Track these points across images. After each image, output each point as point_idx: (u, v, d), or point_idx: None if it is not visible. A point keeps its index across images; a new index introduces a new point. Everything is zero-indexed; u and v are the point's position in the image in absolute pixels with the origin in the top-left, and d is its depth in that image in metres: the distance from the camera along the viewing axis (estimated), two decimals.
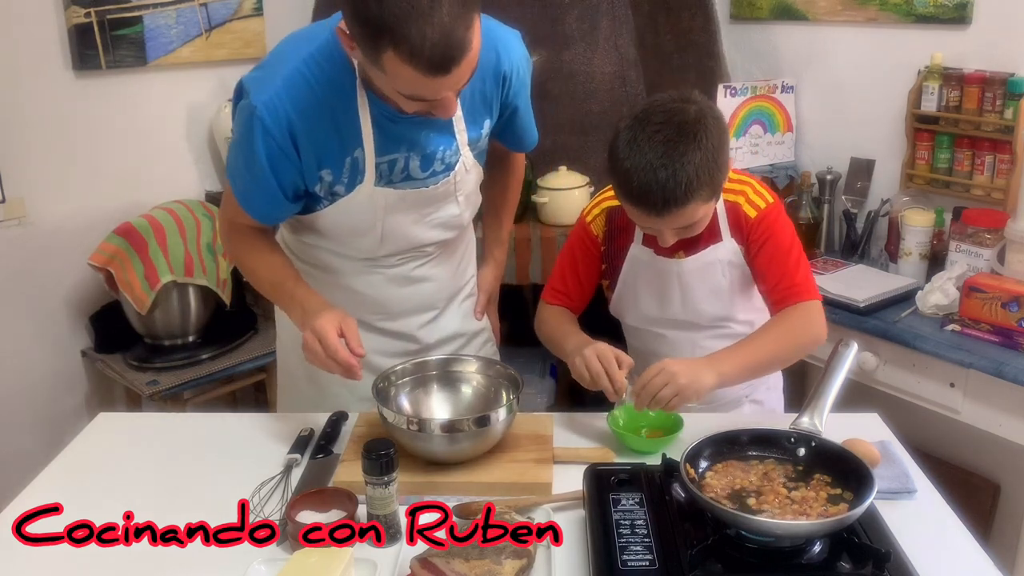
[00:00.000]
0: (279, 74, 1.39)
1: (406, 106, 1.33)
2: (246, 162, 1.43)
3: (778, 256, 1.53)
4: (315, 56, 1.39)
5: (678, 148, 1.37)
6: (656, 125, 1.39)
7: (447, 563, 1.10)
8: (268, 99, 1.37)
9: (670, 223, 1.43)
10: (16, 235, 2.61)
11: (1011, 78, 2.25)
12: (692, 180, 1.37)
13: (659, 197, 1.37)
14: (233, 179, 1.50)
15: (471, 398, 1.53)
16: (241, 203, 1.49)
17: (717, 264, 1.56)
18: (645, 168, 1.37)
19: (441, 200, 1.57)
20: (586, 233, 1.66)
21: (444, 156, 1.53)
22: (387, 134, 1.46)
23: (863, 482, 1.15)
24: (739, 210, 1.55)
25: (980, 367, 1.99)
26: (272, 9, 3.04)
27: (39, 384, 2.72)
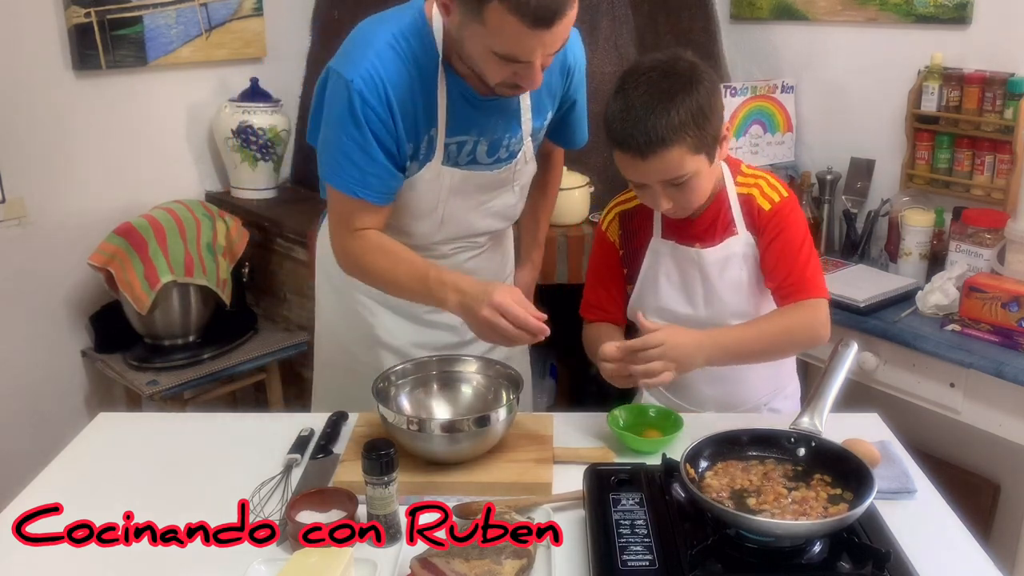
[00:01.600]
0: (370, 49, 1.43)
1: (494, 73, 1.38)
2: (352, 141, 1.45)
3: (789, 251, 1.52)
4: (404, 33, 1.45)
5: (665, 92, 1.38)
6: (645, 73, 1.41)
7: (447, 563, 1.10)
8: (364, 72, 1.42)
9: (655, 170, 1.41)
10: (16, 235, 2.61)
11: (1011, 78, 2.25)
12: (676, 123, 1.37)
13: (643, 137, 1.37)
14: (337, 173, 1.49)
15: (471, 398, 1.53)
16: (357, 191, 1.48)
17: (734, 258, 1.55)
18: (630, 109, 1.38)
19: (500, 187, 1.63)
20: (603, 241, 1.66)
21: (509, 144, 1.59)
22: (461, 116, 1.51)
23: (863, 482, 1.15)
24: (753, 202, 1.54)
25: (980, 367, 1.98)
26: (272, 9, 3.04)
27: (39, 384, 2.72)
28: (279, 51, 3.07)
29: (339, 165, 1.48)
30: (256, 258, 2.88)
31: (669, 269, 1.59)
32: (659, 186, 1.44)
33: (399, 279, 1.51)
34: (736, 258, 1.55)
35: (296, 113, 3.11)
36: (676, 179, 1.42)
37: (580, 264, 2.54)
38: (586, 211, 2.62)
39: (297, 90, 3.11)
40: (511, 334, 1.37)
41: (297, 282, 2.81)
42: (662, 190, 1.45)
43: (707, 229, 1.55)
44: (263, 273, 2.91)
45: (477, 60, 1.39)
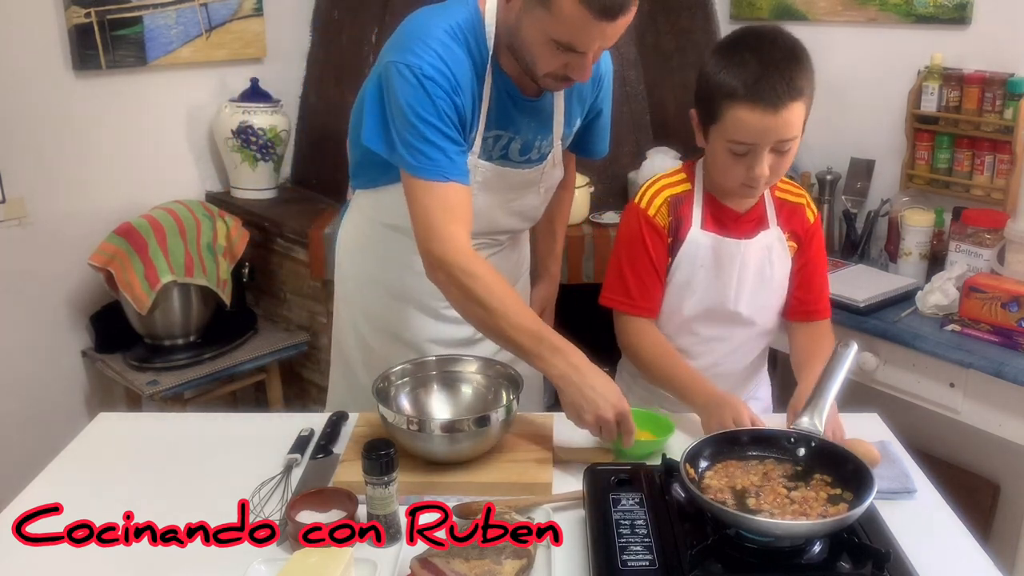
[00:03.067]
0: (432, 39, 1.45)
1: (546, 62, 1.41)
2: (431, 126, 1.43)
3: (821, 267, 1.63)
4: (460, 26, 1.48)
5: (791, 51, 1.42)
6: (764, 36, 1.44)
7: (447, 563, 1.10)
8: (430, 58, 1.44)
9: (782, 124, 1.40)
10: (16, 235, 2.61)
11: (1011, 78, 2.25)
12: (805, 79, 1.41)
13: (783, 88, 1.38)
14: (423, 164, 1.44)
15: (471, 398, 1.53)
16: (448, 174, 1.44)
17: (767, 250, 1.59)
18: (769, 63, 1.39)
19: (526, 188, 1.65)
20: (652, 226, 1.57)
21: (541, 145, 1.62)
22: (502, 112, 1.54)
23: (863, 482, 1.15)
24: (803, 211, 1.62)
25: (980, 367, 1.98)
26: (272, 9, 3.04)
27: (39, 384, 2.72)
28: (279, 51, 3.07)
29: (422, 155, 1.44)
30: (256, 258, 2.88)
31: (707, 261, 1.58)
32: (771, 147, 1.43)
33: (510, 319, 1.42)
34: (768, 251, 1.59)
35: (296, 113, 3.11)
36: (790, 139, 1.44)
37: (580, 264, 2.54)
38: (586, 211, 2.63)
39: (297, 90, 3.11)
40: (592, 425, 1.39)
41: (297, 282, 2.81)
42: (769, 153, 1.44)
43: (754, 227, 1.58)
44: (263, 273, 2.91)
45: (532, 47, 1.41)
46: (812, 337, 1.62)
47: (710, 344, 1.64)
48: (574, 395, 1.39)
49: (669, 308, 1.62)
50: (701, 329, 1.63)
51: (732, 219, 1.58)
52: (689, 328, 1.63)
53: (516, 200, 1.66)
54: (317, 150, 3.05)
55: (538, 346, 1.41)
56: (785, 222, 1.61)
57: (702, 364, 1.62)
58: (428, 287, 1.58)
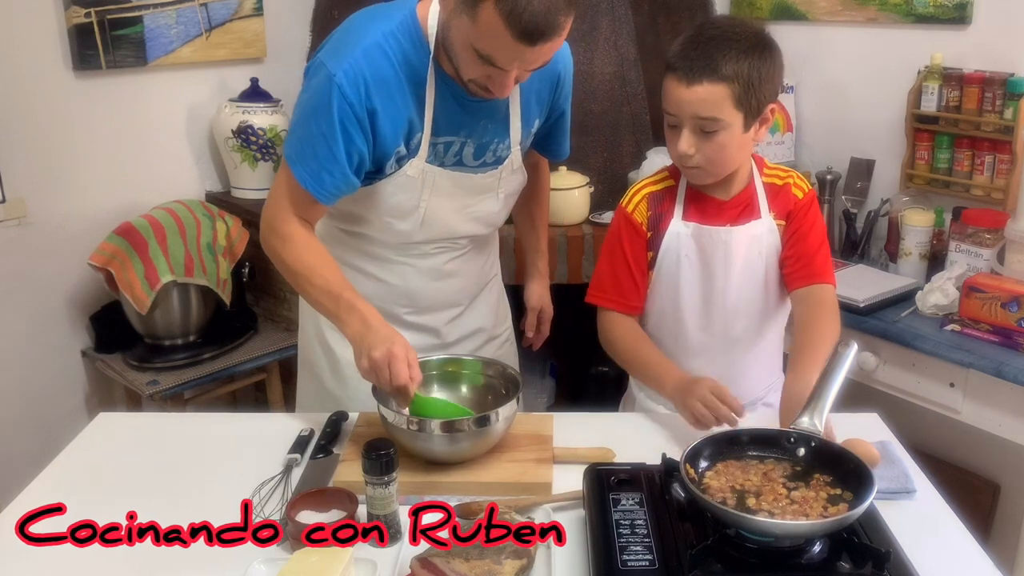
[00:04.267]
0: (359, 46, 1.43)
1: (469, 69, 1.38)
2: (320, 133, 1.44)
3: (817, 236, 1.60)
4: (395, 32, 1.45)
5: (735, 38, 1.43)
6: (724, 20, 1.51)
7: (447, 563, 1.10)
8: (347, 68, 1.41)
9: (694, 100, 1.43)
10: (16, 235, 2.61)
11: (1011, 78, 2.25)
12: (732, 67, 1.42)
13: (697, 62, 1.41)
14: (298, 159, 1.48)
15: (471, 398, 1.53)
16: (309, 182, 1.47)
17: (756, 241, 1.58)
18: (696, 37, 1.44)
19: (483, 192, 1.62)
20: (629, 223, 1.62)
21: (497, 149, 1.59)
22: (449, 116, 1.51)
23: (863, 482, 1.15)
24: (788, 190, 1.61)
25: (980, 367, 1.99)
26: (272, 9, 3.04)
27: (39, 384, 2.72)
28: (279, 51, 3.07)
29: (301, 151, 1.47)
30: (256, 258, 2.87)
31: (690, 251, 1.58)
32: (690, 124, 1.46)
33: (313, 288, 1.49)
34: (757, 241, 1.58)
35: None
36: (708, 121, 1.44)
37: (580, 264, 2.54)
38: (586, 211, 2.62)
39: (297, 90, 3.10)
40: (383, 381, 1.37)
41: None
42: (691, 132, 1.46)
43: (739, 212, 1.58)
44: (263, 273, 2.91)
45: (457, 51, 1.39)
46: (810, 307, 1.57)
47: (708, 346, 1.63)
48: (358, 346, 1.40)
49: (661, 306, 1.63)
50: (696, 327, 1.62)
51: (716, 207, 1.58)
52: (684, 327, 1.62)
53: (475, 206, 1.62)
54: None
55: (336, 306, 1.45)
56: (772, 206, 1.60)
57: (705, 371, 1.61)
58: (387, 293, 1.62)
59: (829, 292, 1.59)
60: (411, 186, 1.54)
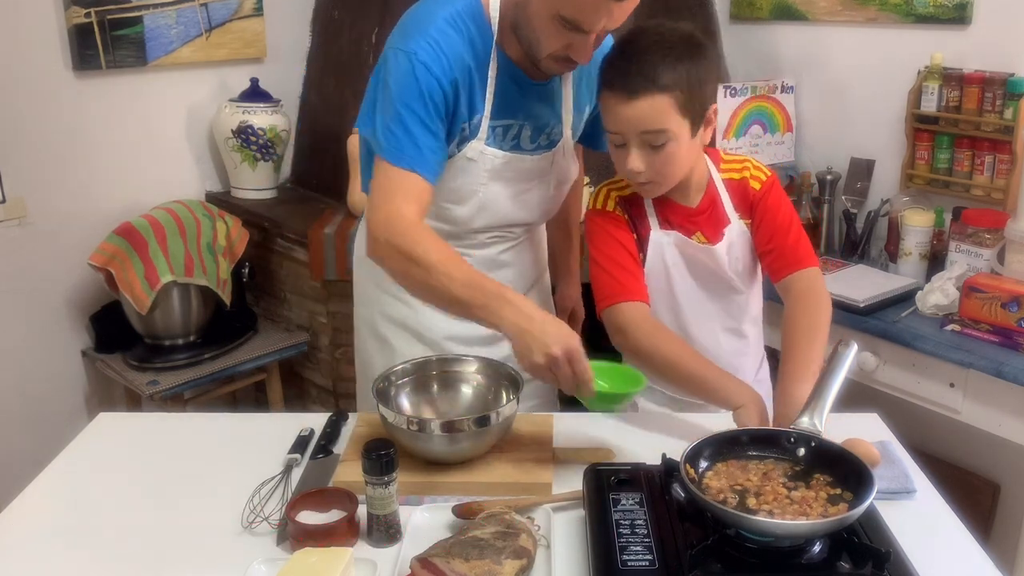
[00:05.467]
0: (431, 27, 1.45)
1: (550, 42, 1.41)
2: (413, 114, 1.43)
3: (783, 223, 1.58)
4: (461, 14, 1.47)
5: (668, 44, 1.42)
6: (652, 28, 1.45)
7: (447, 563, 1.10)
8: (425, 45, 1.43)
9: (638, 115, 1.41)
10: (16, 235, 2.61)
11: (1011, 78, 2.25)
12: (671, 74, 1.40)
13: (636, 76, 1.39)
14: (396, 149, 1.44)
15: (471, 398, 1.53)
16: (415, 166, 1.43)
17: (734, 246, 1.58)
18: (630, 49, 1.42)
19: (538, 177, 1.63)
20: (612, 218, 1.59)
21: (551, 132, 1.61)
22: (508, 99, 1.53)
23: (863, 482, 1.15)
24: (746, 184, 1.58)
25: (980, 367, 1.99)
26: (272, 9, 3.04)
27: (39, 384, 2.72)
28: (279, 51, 3.07)
29: (398, 140, 1.44)
30: (256, 258, 2.88)
31: (676, 259, 1.59)
32: (637, 141, 1.45)
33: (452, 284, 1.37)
34: (735, 246, 1.59)
35: (296, 113, 3.11)
36: (656, 134, 1.43)
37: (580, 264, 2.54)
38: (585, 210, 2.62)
39: (297, 90, 3.11)
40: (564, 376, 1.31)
41: (297, 282, 2.81)
42: (639, 148, 1.45)
43: (708, 219, 1.57)
44: (263, 273, 2.91)
45: (537, 25, 1.41)
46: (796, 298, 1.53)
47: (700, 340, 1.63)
48: (525, 341, 1.32)
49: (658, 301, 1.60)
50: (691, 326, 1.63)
51: (685, 215, 1.58)
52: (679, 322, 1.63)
53: (528, 191, 1.65)
54: (317, 150, 3.05)
55: (483, 298, 1.36)
56: (737, 206, 1.59)
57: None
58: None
59: (813, 276, 1.55)
60: (471, 169, 1.56)
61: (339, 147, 2.70)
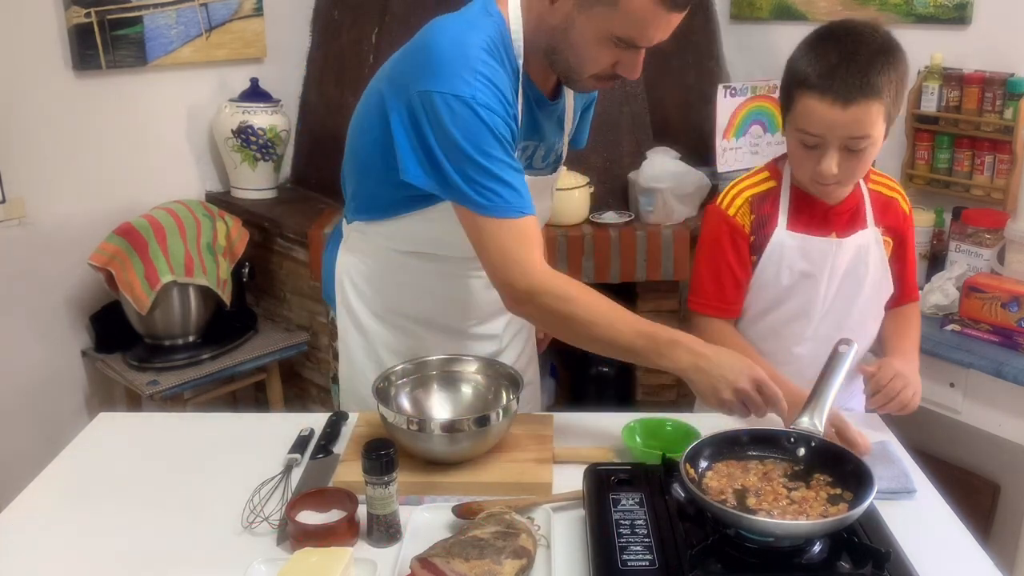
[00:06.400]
0: (477, 63, 1.36)
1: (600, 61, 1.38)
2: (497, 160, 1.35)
3: (913, 255, 1.66)
4: (493, 40, 1.40)
5: (880, 48, 1.40)
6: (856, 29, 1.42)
7: (447, 563, 1.10)
8: (480, 86, 1.34)
9: (851, 121, 1.38)
10: (16, 235, 2.61)
11: (1011, 78, 2.26)
12: (886, 78, 1.38)
13: (856, 82, 1.36)
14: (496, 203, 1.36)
15: (471, 398, 1.53)
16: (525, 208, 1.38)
17: (863, 250, 1.55)
18: (849, 55, 1.38)
19: (542, 192, 1.61)
20: (731, 226, 1.56)
21: (557, 149, 1.60)
22: (530, 122, 1.50)
23: (863, 482, 1.15)
24: (895, 204, 1.60)
25: (980, 367, 1.99)
26: (272, 9, 3.04)
27: (39, 384, 2.72)
28: (279, 51, 3.07)
29: (491, 192, 1.36)
30: (256, 258, 2.88)
31: (793, 262, 1.54)
32: (838, 145, 1.41)
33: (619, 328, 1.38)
34: (864, 251, 1.56)
35: (296, 113, 3.11)
36: (860, 139, 1.41)
37: (580, 264, 2.54)
38: (586, 211, 2.62)
39: (297, 90, 3.11)
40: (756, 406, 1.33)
41: (297, 282, 2.81)
42: (838, 152, 1.42)
43: (848, 220, 1.55)
44: (263, 273, 2.91)
45: (584, 46, 1.37)
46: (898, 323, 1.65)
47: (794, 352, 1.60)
48: (706, 380, 1.33)
49: (755, 311, 1.60)
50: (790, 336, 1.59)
51: (822, 212, 1.54)
52: (775, 333, 1.60)
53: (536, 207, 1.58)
54: (317, 150, 3.05)
55: (655, 345, 1.36)
56: (880, 217, 1.57)
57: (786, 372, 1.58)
58: (453, 309, 1.58)
59: (916, 309, 1.70)
60: None
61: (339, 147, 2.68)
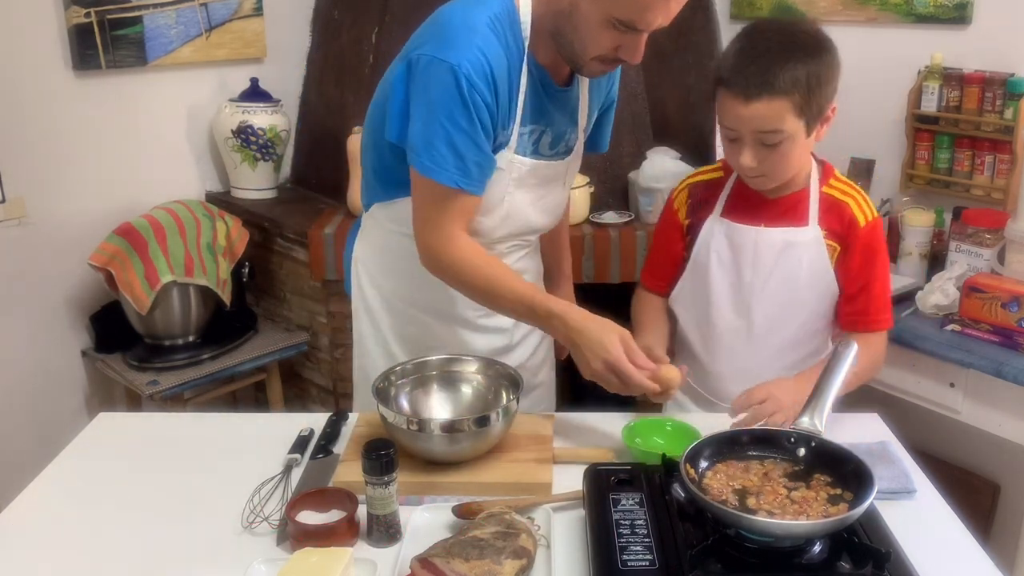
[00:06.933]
0: (475, 33, 1.40)
1: (601, 44, 1.39)
2: (458, 128, 1.39)
3: (876, 275, 1.55)
4: (499, 18, 1.43)
5: (789, 45, 1.41)
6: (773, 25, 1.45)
7: (447, 563, 1.10)
8: (471, 56, 1.38)
9: (755, 116, 1.40)
10: (16, 235, 2.61)
11: (1011, 78, 2.25)
12: (789, 76, 1.38)
13: (754, 78, 1.38)
14: (439, 165, 1.41)
15: (471, 398, 1.53)
16: (460, 180, 1.42)
17: (794, 247, 1.54)
18: (750, 49, 1.40)
19: (554, 181, 1.63)
20: (669, 210, 1.68)
21: (568, 138, 1.61)
22: (535, 105, 1.51)
23: (863, 482, 1.15)
24: (846, 209, 1.54)
25: (980, 367, 1.99)
26: (272, 9, 3.04)
27: (39, 384, 2.72)
28: (279, 51, 3.07)
29: (439, 155, 1.41)
30: (256, 258, 2.88)
31: (721, 248, 1.58)
32: (751, 139, 1.43)
33: (502, 294, 1.47)
34: (796, 248, 1.54)
35: (296, 113, 3.11)
36: (771, 134, 1.42)
37: (580, 264, 2.54)
38: (586, 211, 2.62)
39: (297, 90, 3.11)
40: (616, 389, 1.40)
41: (297, 282, 2.81)
42: (752, 145, 1.44)
43: (782, 214, 1.55)
44: (263, 273, 2.91)
45: (587, 28, 1.38)
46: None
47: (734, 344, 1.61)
48: (578, 354, 1.42)
49: (694, 296, 1.64)
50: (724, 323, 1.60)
51: (759, 205, 1.56)
52: (712, 321, 1.62)
53: (546, 196, 1.63)
54: (317, 150, 3.05)
55: (533, 316, 1.47)
56: (824, 217, 1.55)
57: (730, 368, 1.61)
58: (460, 298, 1.58)
59: (880, 342, 1.58)
60: (499, 178, 1.52)
61: (339, 147, 2.70)
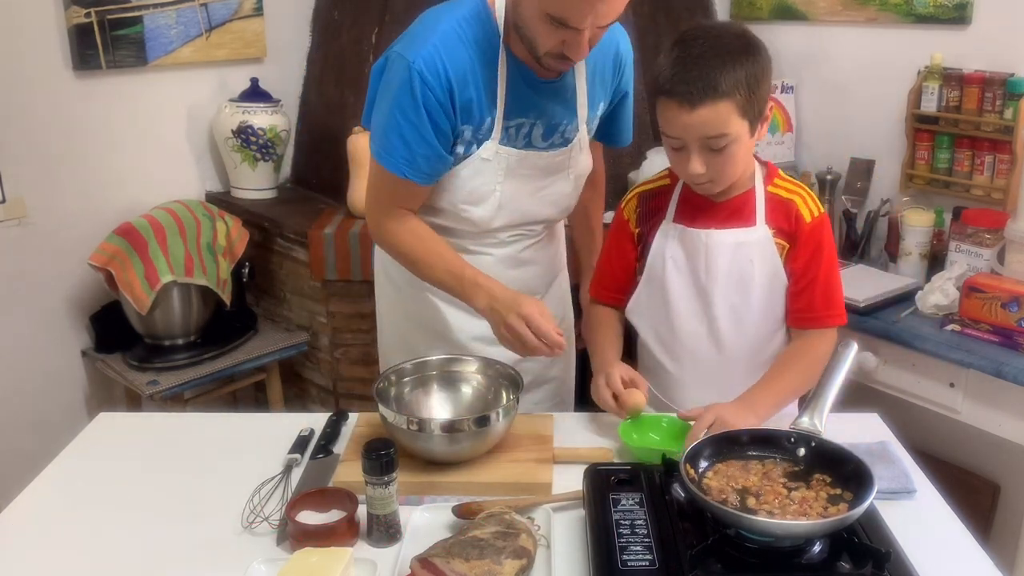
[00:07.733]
0: (434, 34, 1.48)
1: (543, 40, 1.42)
2: (407, 121, 1.48)
3: (824, 270, 1.53)
4: (466, 17, 1.50)
5: (725, 48, 1.40)
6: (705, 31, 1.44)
7: (447, 563, 1.10)
8: (426, 55, 1.46)
9: (700, 122, 1.39)
10: (16, 235, 2.61)
11: (1011, 78, 2.26)
12: (731, 78, 1.38)
13: (697, 85, 1.37)
14: (388, 152, 1.52)
15: (471, 398, 1.53)
16: (405, 171, 1.52)
17: (745, 247, 1.53)
18: (688, 58, 1.39)
19: (555, 172, 1.66)
20: (619, 219, 1.67)
21: (565, 130, 1.63)
22: (520, 98, 1.55)
23: (863, 482, 1.15)
24: (792, 207, 1.53)
25: (980, 367, 1.99)
26: (272, 9, 3.04)
27: (39, 384, 2.72)
28: (279, 51, 3.07)
29: (391, 144, 1.51)
30: (256, 258, 2.88)
31: (676, 254, 1.57)
32: (697, 145, 1.43)
33: (434, 272, 1.57)
34: (746, 248, 1.53)
35: (296, 113, 3.11)
36: (717, 139, 1.41)
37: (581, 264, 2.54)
38: None
39: (297, 90, 3.11)
40: (532, 343, 1.45)
41: (297, 282, 2.81)
42: (699, 152, 1.43)
43: (729, 216, 1.54)
44: (263, 273, 2.91)
45: (531, 25, 1.43)
46: (800, 342, 1.55)
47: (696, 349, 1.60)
48: (493, 319, 1.49)
49: (652, 305, 1.61)
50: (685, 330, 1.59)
51: (707, 209, 1.55)
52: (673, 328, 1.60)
53: (548, 188, 1.66)
54: (317, 150, 3.05)
55: (460, 285, 1.54)
56: (771, 216, 1.53)
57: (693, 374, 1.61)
58: None
59: (826, 341, 1.52)
60: (486, 169, 1.57)
61: (339, 147, 2.70)
